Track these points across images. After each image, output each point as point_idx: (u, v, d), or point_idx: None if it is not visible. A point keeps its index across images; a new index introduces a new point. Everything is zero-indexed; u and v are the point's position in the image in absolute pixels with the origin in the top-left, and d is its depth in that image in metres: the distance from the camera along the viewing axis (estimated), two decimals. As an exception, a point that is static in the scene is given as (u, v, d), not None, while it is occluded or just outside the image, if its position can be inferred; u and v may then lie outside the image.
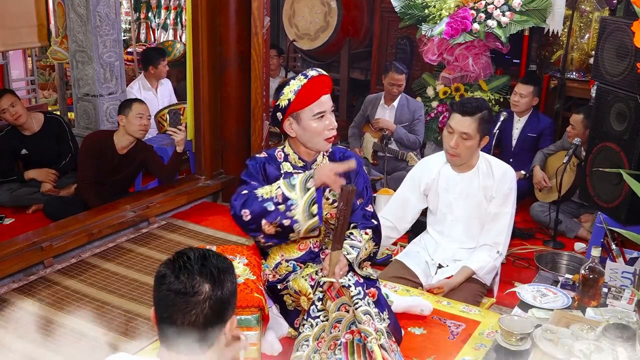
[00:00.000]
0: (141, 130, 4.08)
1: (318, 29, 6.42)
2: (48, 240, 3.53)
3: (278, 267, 2.40)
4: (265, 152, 2.42)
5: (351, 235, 2.35)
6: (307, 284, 2.27)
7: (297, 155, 2.38)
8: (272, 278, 2.40)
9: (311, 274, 2.31)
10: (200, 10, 4.28)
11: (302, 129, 2.31)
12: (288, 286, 2.33)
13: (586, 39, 4.90)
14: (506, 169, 2.88)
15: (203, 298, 1.38)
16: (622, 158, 3.08)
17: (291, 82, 2.30)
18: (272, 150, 2.43)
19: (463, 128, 2.75)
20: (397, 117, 4.76)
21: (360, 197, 2.45)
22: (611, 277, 2.47)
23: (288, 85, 2.30)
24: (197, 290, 1.38)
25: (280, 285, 2.36)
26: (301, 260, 2.41)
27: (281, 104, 2.30)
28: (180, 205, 4.35)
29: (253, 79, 4.34)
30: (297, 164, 2.38)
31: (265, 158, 2.39)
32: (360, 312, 2.07)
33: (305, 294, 2.27)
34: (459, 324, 2.48)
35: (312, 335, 2.13)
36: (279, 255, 2.41)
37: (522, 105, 4.52)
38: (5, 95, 4.37)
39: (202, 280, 1.39)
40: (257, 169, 2.35)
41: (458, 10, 4.62)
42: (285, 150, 2.41)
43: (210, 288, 1.39)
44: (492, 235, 2.86)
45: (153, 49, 5.92)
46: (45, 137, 4.50)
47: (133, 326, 2.95)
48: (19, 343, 2.81)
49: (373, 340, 2.03)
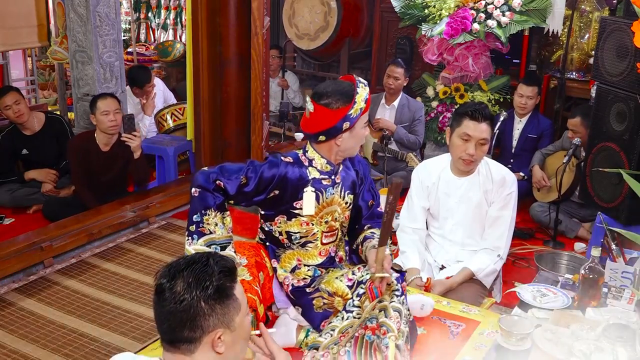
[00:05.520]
0: (110, 126, 3.94)
1: (318, 29, 6.42)
2: (48, 240, 3.53)
3: (295, 270, 2.37)
4: (289, 157, 2.29)
5: (375, 235, 2.36)
6: (343, 285, 2.26)
7: (325, 160, 2.30)
8: (297, 282, 2.36)
9: (346, 274, 2.29)
10: (200, 10, 4.28)
11: (352, 137, 2.25)
12: (320, 289, 2.30)
13: (586, 39, 4.90)
14: (505, 173, 2.87)
15: (173, 297, 1.38)
16: (622, 158, 3.08)
17: (359, 90, 2.19)
18: (293, 153, 2.33)
19: (482, 134, 2.73)
20: (397, 117, 4.76)
21: (372, 198, 2.47)
22: (611, 277, 2.47)
23: (357, 93, 2.19)
24: (173, 290, 1.39)
25: (309, 289, 2.33)
26: (322, 266, 2.39)
27: (354, 113, 2.19)
28: (180, 205, 4.35)
29: (253, 79, 4.34)
30: (324, 169, 2.30)
31: (290, 164, 2.27)
32: (391, 307, 2.10)
33: (342, 295, 2.26)
34: (459, 324, 2.48)
35: (339, 327, 2.18)
36: (294, 260, 2.37)
37: (529, 107, 4.50)
38: (11, 92, 4.37)
39: (179, 280, 1.40)
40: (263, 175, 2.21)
41: (458, 10, 4.62)
42: (309, 154, 2.31)
43: (184, 289, 1.39)
44: (492, 239, 2.86)
45: (141, 69, 5.36)
46: (46, 137, 4.50)
47: (133, 326, 2.95)
48: (19, 343, 2.81)
49: (392, 337, 2.05)
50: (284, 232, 2.34)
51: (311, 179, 2.28)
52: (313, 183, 2.27)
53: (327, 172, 2.31)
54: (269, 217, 2.34)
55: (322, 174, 2.30)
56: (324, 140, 2.25)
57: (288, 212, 2.30)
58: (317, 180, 2.28)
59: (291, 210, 2.29)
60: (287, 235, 2.34)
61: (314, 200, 2.27)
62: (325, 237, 2.36)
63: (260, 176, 2.21)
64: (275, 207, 2.30)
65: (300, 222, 2.31)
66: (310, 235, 2.33)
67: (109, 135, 4.01)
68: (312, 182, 2.27)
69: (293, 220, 2.31)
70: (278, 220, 2.33)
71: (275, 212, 2.32)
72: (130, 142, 3.97)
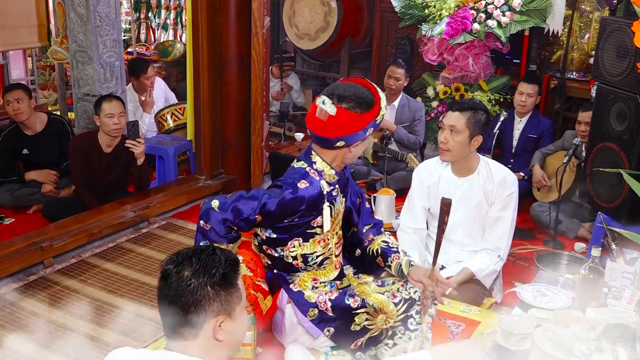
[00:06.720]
0: (114, 129, 3.94)
1: (318, 29, 6.42)
2: (48, 240, 3.53)
3: (314, 289, 2.25)
4: (303, 180, 2.13)
5: (390, 243, 2.36)
6: (389, 302, 2.19)
7: (333, 171, 2.20)
8: (332, 295, 2.22)
9: (392, 291, 2.22)
10: (200, 10, 4.28)
11: (364, 143, 2.19)
12: (367, 304, 2.18)
13: (586, 39, 4.90)
14: (506, 174, 2.88)
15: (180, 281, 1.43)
16: (622, 158, 3.08)
17: (380, 95, 2.13)
18: (301, 171, 2.17)
19: (450, 121, 2.79)
20: (397, 117, 4.76)
21: (359, 196, 2.43)
22: (611, 277, 2.47)
23: (380, 98, 2.12)
24: (180, 274, 1.43)
25: (354, 302, 2.20)
26: (337, 279, 2.33)
27: (379, 119, 2.13)
28: (180, 205, 4.35)
29: (253, 79, 4.34)
30: (332, 180, 2.20)
31: (307, 188, 2.11)
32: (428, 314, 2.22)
33: (386, 312, 2.18)
34: (459, 324, 2.48)
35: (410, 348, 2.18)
36: (310, 281, 2.25)
37: (529, 105, 4.48)
38: (17, 90, 4.36)
39: (186, 266, 1.44)
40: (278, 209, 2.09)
41: (458, 10, 4.62)
42: (317, 166, 2.18)
43: (192, 274, 1.43)
44: (493, 239, 2.86)
45: (138, 60, 5.54)
46: (47, 137, 4.48)
47: (133, 326, 2.95)
48: (19, 343, 2.81)
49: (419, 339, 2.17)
50: (299, 255, 2.21)
51: (326, 194, 2.16)
52: (327, 197, 2.17)
53: (334, 182, 2.22)
54: (281, 241, 2.20)
55: (330, 185, 2.20)
56: (340, 147, 2.14)
57: (304, 234, 2.18)
58: (329, 193, 2.19)
59: (308, 231, 2.18)
60: (302, 259, 2.22)
61: (329, 216, 2.19)
62: (337, 249, 2.30)
63: (276, 210, 2.09)
64: (290, 231, 2.18)
65: (317, 241, 2.21)
66: (327, 251, 2.25)
67: (112, 137, 4.02)
68: (327, 197, 2.17)
69: (310, 241, 2.20)
70: (292, 244, 2.20)
71: (290, 236, 2.19)
72: (134, 148, 3.96)
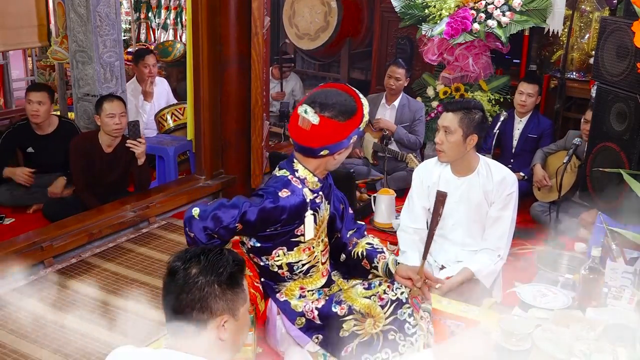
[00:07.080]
0: (115, 129, 3.95)
1: (318, 29, 6.41)
2: (48, 240, 3.53)
3: (301, 298, 2.23)
4: (285, 189, 2.10)
5: (375, 245, 2.36)
6: (376, 305, 2.15)
7: (316, 179, 2.18)
8: (319, 304, 2.20)
9: (379, 293, 2.18)
10: (200, 10, 4.28)
11: (347, 150, 2.18)
12: (353, 310, 2.15)
13: (586, 39, 4.90)
14: (506, 174, 2.87)
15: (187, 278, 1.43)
16: (622, 158, 3.07)
17: (362, 101, 2.12)
18: (283, 179, 2.15)
19: (444, 122, 2.80)
20: (397, 117, 4.76)
21: (342, 202, 2.40)
22: (611, 277, 2.47)
23: (363, 105, 2.11)
24: (187, 271, 1.43)
25: (341, 310, 2.17)
26: (325, 286, 2.31)
27: (362, 126, 2.12)
28: (180, 205, 4.34)
29: (253, 79, 4.34)
30: (315, 188, 2.18)
31: (289, 197, 2.08)
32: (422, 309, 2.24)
33: (374, 316, 2.14)
34: (459, 324, 2.48)
35: (416, 350, 2.16)
36: (297, 290, 2.24)
37: (529, 105, 4.48)
38: (42, 92, 4.33)
39: (194, 264, 1.44)
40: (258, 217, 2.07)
41: (458, 10, 4.62)
42: (300, 174, 2.16)
43: (199, 272, 1.43)
44: (492, 239, 2.86)
45: (141, 48, 5.86)
46: (56, 140, 4.43)
47: (133, 326, 2.95)
48: (19, 343, 2.81)
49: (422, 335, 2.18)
50: (284, 264, 2.20)
51: (309, 202, 2.14)
52: (311, 205, 2.15)
53: (317, 190, 2.19)
54: (265, 250, 2.19)
55: (313, 192, 2.17)
56: (324, 155, 2.12)
57: (288, 243, 2.16)
58: (312, 200, 2.16)
59: (291, 240, 2.16)
60: (288, 268, 2.21)
61: (313, 223, 2.16)
62: (323, 256, 2.28)
63: (257, 219, 2.07)
64: (273, 239, 2.16)
65: (302, 249, 2.19)
66: (313, 259, 2.23)
67: (112, 137, 4.02)
68: (310, 204, 2.14)
69: (294, 250, 2.18)
70: (276, 254, 2.18)
71: (274, 245, 2.17)
72: (135, 148, 3.98)
